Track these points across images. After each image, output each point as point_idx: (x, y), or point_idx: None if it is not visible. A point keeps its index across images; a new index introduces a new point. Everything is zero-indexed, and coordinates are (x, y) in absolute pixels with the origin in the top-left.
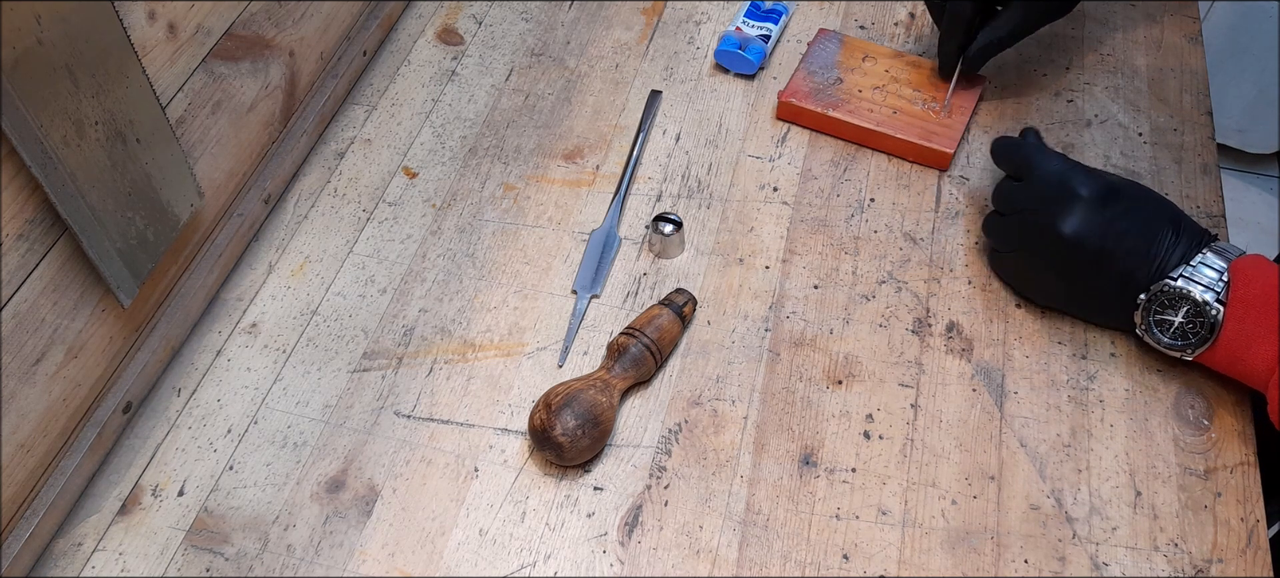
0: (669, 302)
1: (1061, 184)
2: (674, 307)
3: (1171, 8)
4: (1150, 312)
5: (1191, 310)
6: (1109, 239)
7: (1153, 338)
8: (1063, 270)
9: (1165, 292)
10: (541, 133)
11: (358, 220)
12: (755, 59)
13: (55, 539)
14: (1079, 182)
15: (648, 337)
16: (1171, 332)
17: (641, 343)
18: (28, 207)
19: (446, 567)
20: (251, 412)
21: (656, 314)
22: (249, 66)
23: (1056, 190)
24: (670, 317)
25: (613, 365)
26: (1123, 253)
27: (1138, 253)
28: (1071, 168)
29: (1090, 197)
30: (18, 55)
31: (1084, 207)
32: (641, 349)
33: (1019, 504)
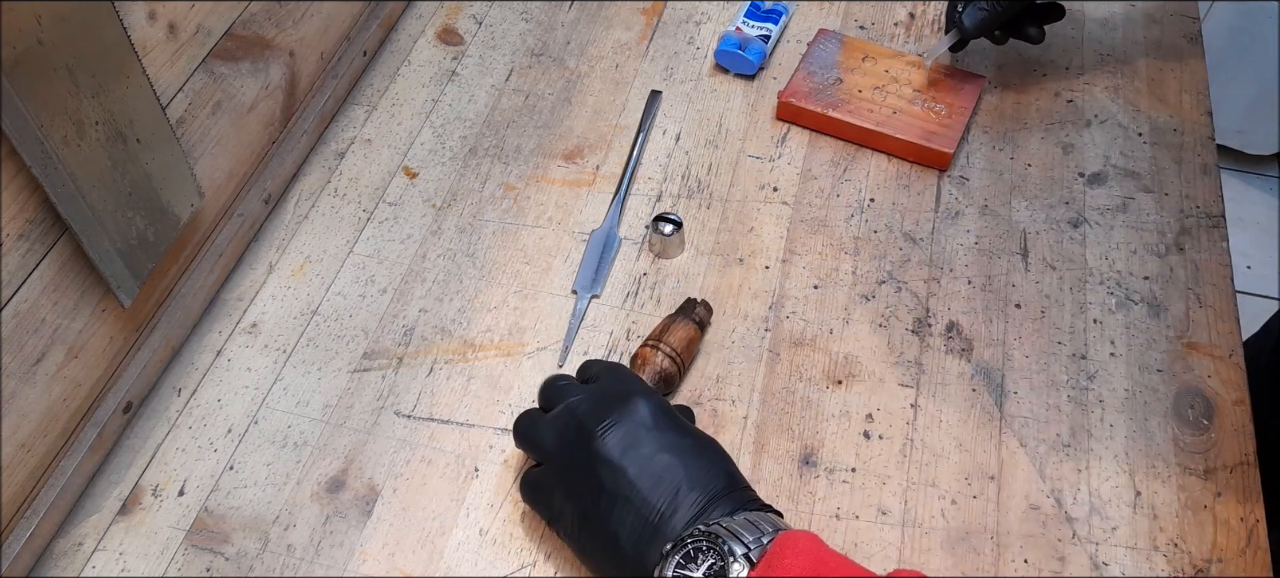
0: (690, 314)
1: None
2: (696, 319)
3: (1171, 8)
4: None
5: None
6: (599, 499)
7: None
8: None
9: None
10: (542, 133)
11: (358, 220)
12: (755, 59)
13: (55, 539)
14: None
15: (674, 350)
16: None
17: (667, 355)
18: (28, 207)
19: (446, 567)
20: (252, 412)
21: (681, 327)
22: (249, 67)
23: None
24: (693, 329)
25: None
26: (606, 523)
27: (614, 532)
28: (532, 429)
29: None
30: (18, 55)
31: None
32: (670, 364)
33: (1019, 504)
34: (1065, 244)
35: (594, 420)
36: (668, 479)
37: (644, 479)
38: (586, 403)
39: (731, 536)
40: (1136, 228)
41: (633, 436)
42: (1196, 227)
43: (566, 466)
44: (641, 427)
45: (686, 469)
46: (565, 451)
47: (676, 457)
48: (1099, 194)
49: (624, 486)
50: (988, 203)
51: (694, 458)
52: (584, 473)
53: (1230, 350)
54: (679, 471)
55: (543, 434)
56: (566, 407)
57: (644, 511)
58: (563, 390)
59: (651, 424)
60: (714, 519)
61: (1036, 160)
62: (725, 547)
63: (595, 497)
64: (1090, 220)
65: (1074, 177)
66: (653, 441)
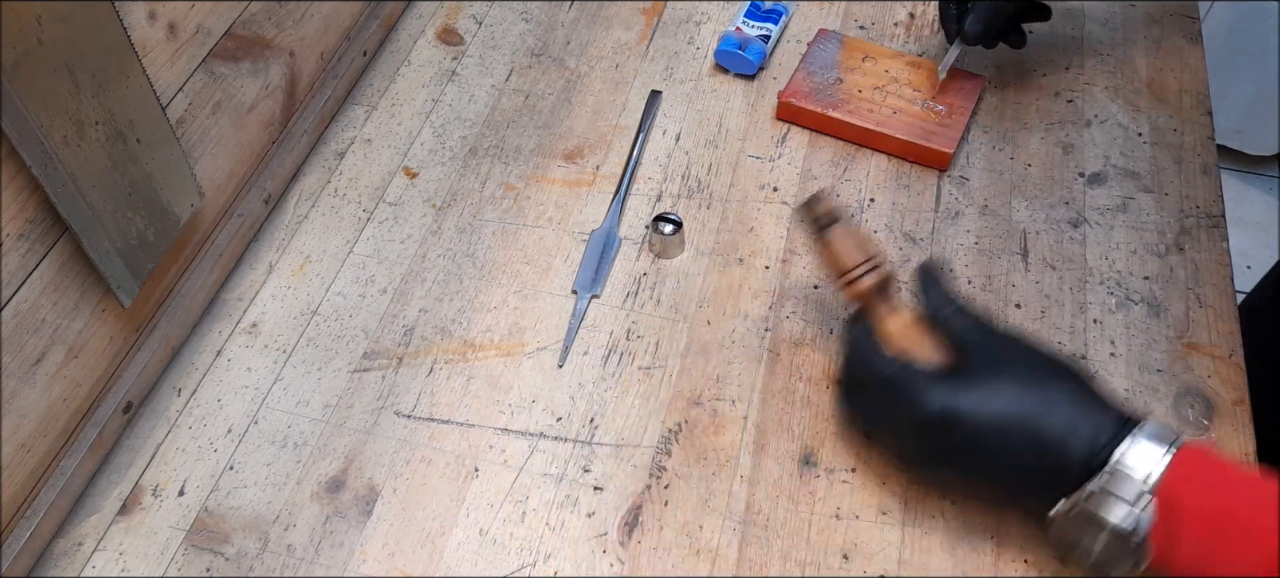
0: (817, 219)
1: (907, 405)
2: (823, 222)
3: (1171, 8)
4: (1064, 535)
5: (1110, 539)
6: (983, 462)
7: (1076, 563)
8: (945, 482)
9: (1074, 516)
10: (542, 133)
11: (358, 220)
12: (755, 59)
13: (55, 539)
14: (914, 395)
15: (860, 264)
16: (1094, 561)
17: (872, 267)
18: (28, 207)
19: (446, 567)
20: (252, 412)
21: (838, 241)
22: (249, 67)
23: (890, 414)
24: (839, 234)
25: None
26: (990, 480)
27: (1013, 475)
28: (908, 380)
29: (927, 417)
30: (18, 55)
31: (918, 433)
32: (879, 273)
33: None
34: (1065, 244)
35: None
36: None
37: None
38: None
39: (1105, 502)
40: (1136, 228)
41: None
42: (1196, 227)
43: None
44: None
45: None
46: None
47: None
48: (1099, 194)
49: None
50: (988, 203)
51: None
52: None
53: (1230, 350)
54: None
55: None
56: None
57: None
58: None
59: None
60: (1081, 471)
61: (1036, 160)
62: (1109, 518)
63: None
64: (1090, 220)
65: (1074, 177)
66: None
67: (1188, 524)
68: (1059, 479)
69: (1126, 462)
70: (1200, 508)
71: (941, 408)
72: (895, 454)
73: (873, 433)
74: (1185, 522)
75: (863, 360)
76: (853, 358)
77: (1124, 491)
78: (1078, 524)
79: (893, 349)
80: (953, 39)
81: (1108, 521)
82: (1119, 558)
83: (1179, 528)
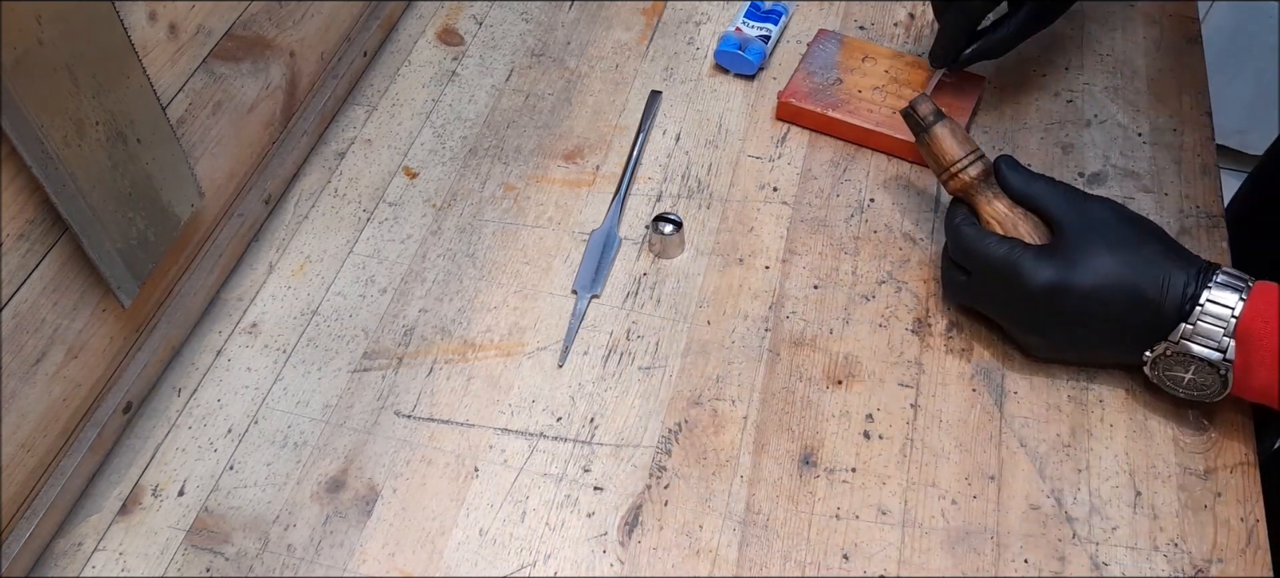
0: (921, 121)
1: (1015, 283)
2: (924, 125)
3: (1171, 8)
4: (1159, 369)
5: (1200, 367)
6: (1084, 325)
7: (1169, 391)
8: (1049, 345)
9: (1169, 355)
10: (541, 133)
11: (358, 220)
12: (755, 59)
13: (55, 539)
14: (1025, 272)
15: (960, 158)
16: (1184, 386)
17: (975, 157)
18: (28, 207)
19: (446, 567)
20: (252, 412)
21: (940, 137)
22: (249, 67)
23: (1003, 290)
24: (941, 130)
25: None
26: (1095, 337)
27: (1116, 330)
28: (1014, 260)
29: (1038, 290)
30: (18, 55)
31: (1031, 304)
32: (982, 162)
33: (1019, 504)
34: None
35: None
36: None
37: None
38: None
39: (1193, 340)
40: None
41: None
42: (1196, 227)
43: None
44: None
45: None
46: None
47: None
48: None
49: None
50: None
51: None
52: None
53: None
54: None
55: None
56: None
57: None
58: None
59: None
60: (1173, 314)
61: (1036, 160)
62: (1195, 350)
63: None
64: None
65: (1074, 177)
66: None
67: (1261, 354)
68: (1155, 329)
69: (1209, 306)
70: (1268, 339)
71: (1049, 281)
72: (1009, 325)
73: (984, 308)
74: (1258, 349)
75: (971, 243)
76: (961, 242)
77: (1209, 329)
78: (1171, 362)
79: (996, 231)
80: (947, 61)
81: (1197, 354)
82: (1207, 385)
83: (1254, 355)
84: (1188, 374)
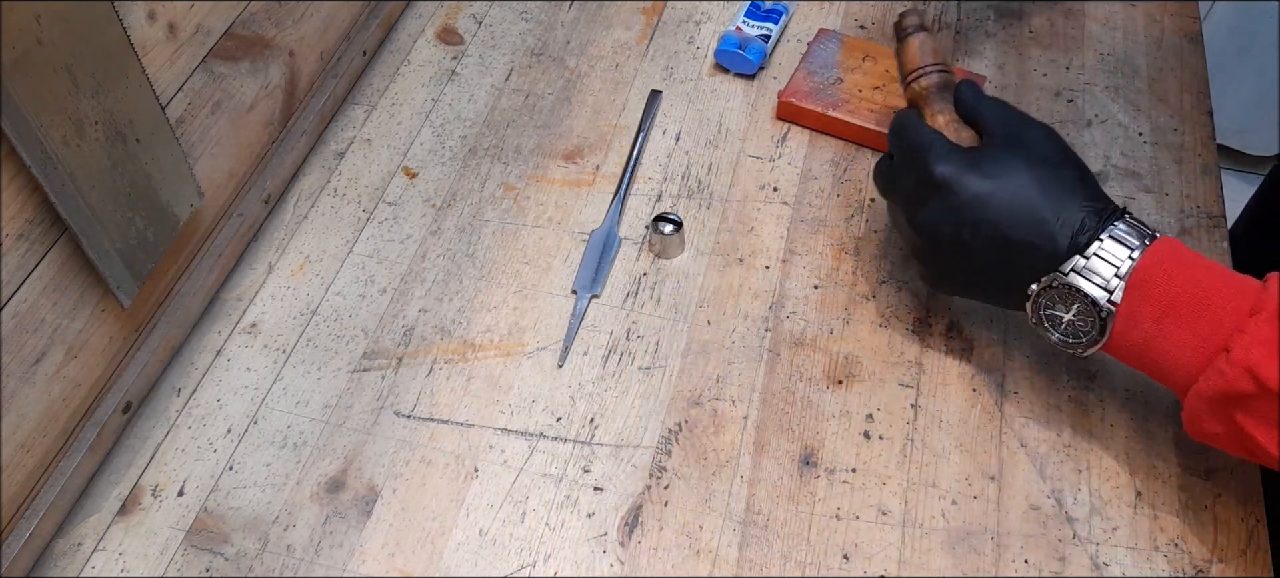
0: (902, 28)
1: (920, 168)
2: (906, 29)
3: (1171, 8)
4: (1041, 306)
5: (1082, 308)
6: (972, 231)
7: (1044, 333)
8: (937, 258)
9: (1055, 286)
10: (541, 133)
11: (358, 220)
12: (755, 59)
13: (55, 539)
14: (930, 160)
15: (924, 67)
16: (1062, 328)
17: (928, 77)
18: (28, 207)
19: (446, 567)
20: (251, 412)
21: (909, 46)
22: (249, 66)
23: (907, 177)
24: (915, 40)
25: (934, 103)
26: (981, 256)
27: (1004, 250)
28: (929, 145)
29: (936, 179)
30: (18, 55)
31: (926, 196)
32: (942, 76)
33: (1019, 504)
34: None
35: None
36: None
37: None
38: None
39: (1085, 275)
40: None
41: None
42: (1197, 227)
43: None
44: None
45: (1030, 212)
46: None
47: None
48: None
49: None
50: None
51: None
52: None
53: None
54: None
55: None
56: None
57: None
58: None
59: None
60: (1072, 248)
61: None
62: (1084, 287)
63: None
64: None
65: None
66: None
67: (1150, 301)
68: (1046, 258)
69: (1109, 244)
70: (1166, 286)
71: (947, 175)
72: (904, 228)
73: (893, 200)
74: (1148, 299)
75: (900, 122)
76: (895, 124)
77: (1102, 267)
78: (1053, 296)
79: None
80: None
81: (1083, 289)
82: (1085, 329)
83: (1142, 304)
84: (1067, 315)
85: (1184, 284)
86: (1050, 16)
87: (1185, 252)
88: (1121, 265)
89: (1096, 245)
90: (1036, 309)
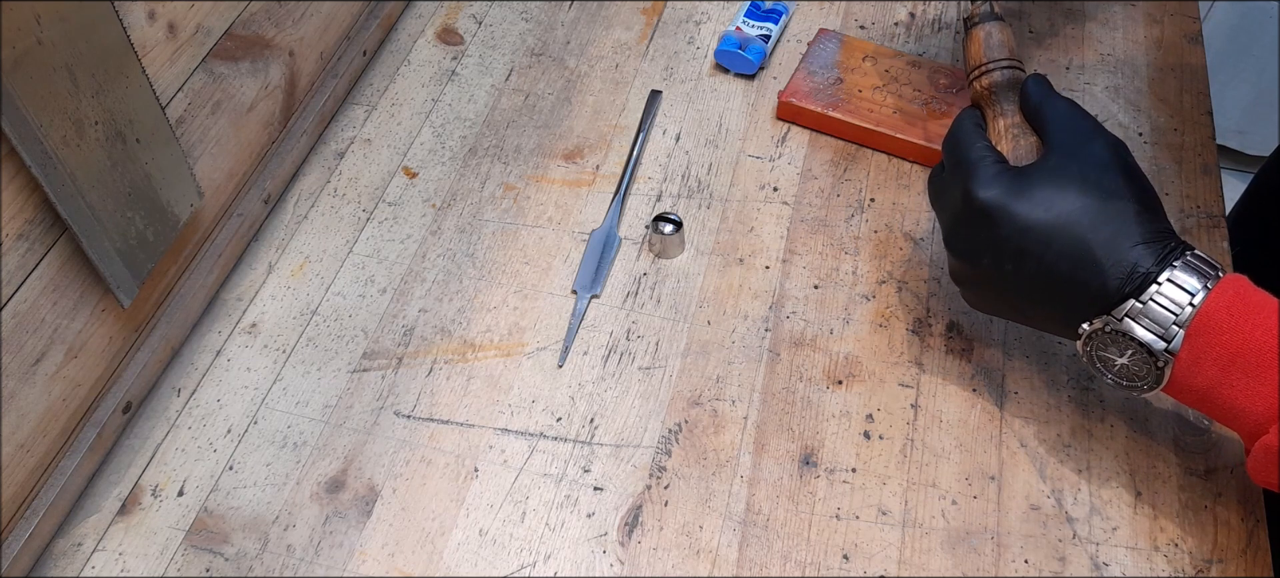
0: (969, 17)
1: (964, 188)
2: (972, 21)
3: (1171, 8)
4: (1092, 347)
5: (1138, 354)
6: (1015, 264)
7: (1096, 373)
8: (977, 284)
9: (1107, 331)
10: (541, 133)
11: (358, 220)
12: (755, 59)
13: (55, 539)
14: (976, 180)
15: (992, 62)
16: (1115, 370)
17: (993, 75)
18: (28, 207)
19: (446, 567)
20: (251, 412)
21: (974, 40)
22: (249, 66)
23: (955, 193)
24: (981, 32)
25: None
26: (1026, 287)
27: (1051, 285)
28: (975, 165)
29: (979, 205)
30: (18, 55)
31: (969, 220)
32: (1010, 72)
33: (1019, 504)
34: None
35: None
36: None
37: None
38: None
39: (1140, 320)
40: None
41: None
42: (1197, 227)
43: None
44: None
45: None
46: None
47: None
48: None
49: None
50: None
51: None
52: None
53: None
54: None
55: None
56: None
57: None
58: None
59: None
60: (1129, 287)
61: None
62: (1137, 333)
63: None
64: None
65: None
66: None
67: (1214, 350)
68: (1097, 298)
69: (1168, 288)
70: (1232, 336)
71: (991, 200)
72: (948, 244)
73: (939, 213)
74: (1212, 348)
75: (955, 131)
76: (951, 130)
77: (1161, 313)
78: (1107, 341)
79: (993, 141)
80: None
81: (1139, 337)
82: (1141, 375)
83: (1204, 353)
84: (1121, 359)
85: (1251, 332)
86: (1050, 16)
87: (1251, 294)
88: (1181, 312)
89: (1154, 289)
90: (1088, 350)
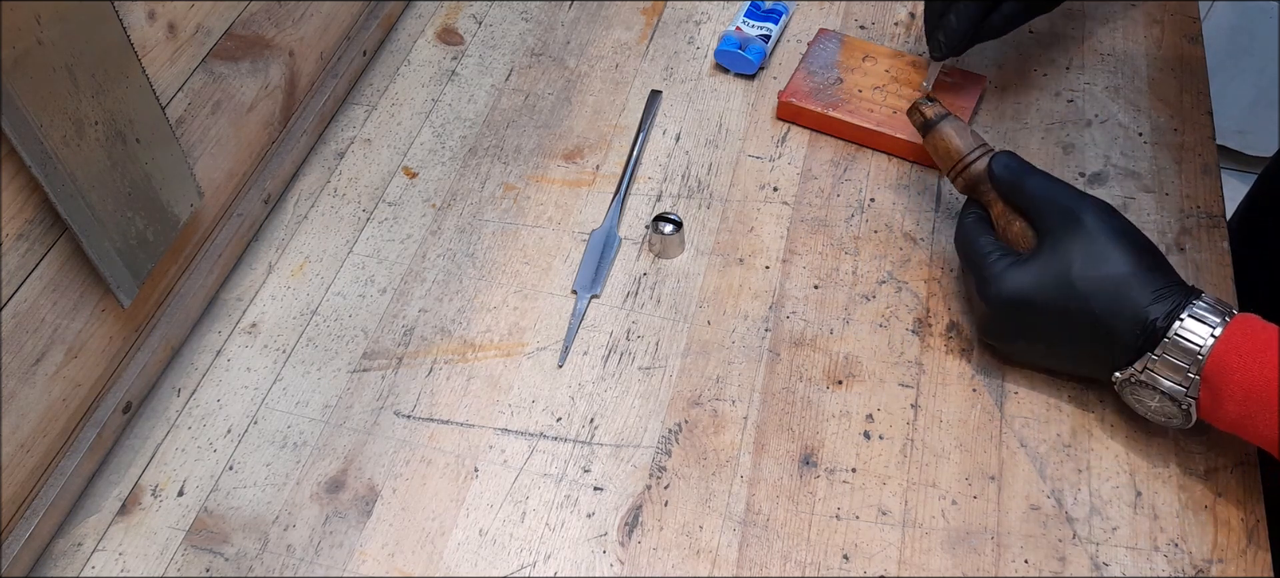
0: (927, 120)
1: (976, 284)
2: (928, 119)
3: (1171, 8)
4: (1126, 392)
5: (1164, 399)
6: (1032, 335)
7: (1141, 413)
8: (1002, 346)
9: (1133, 382)
10: (541, 133)
11: (358, 220)
12: (755, 59)
13: (55, 539)
14: (990, 281)
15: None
16: (1150, 411)
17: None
18: (28, 207)
19: (446, 567)
20: (251, 412)
21: (937, 138)
22: (249, 66)
23: (974, 291)
24: (939, 133)
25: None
26: (1056, 355)
27: (1077, 353)
28: (980, 265)
29: (999, 302)
30: (18, 55)
31: (993, 314)
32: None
33: (1019, 504)
34: None
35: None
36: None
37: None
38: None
39: (1158, 373)
40: None
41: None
42: (1197, 227)
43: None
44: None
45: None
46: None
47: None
48: (1100, 194)
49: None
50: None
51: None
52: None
53: None
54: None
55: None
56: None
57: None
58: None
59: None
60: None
61: (1037, 160)
62: (1160, 384)
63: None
64: None
65: (1075, 176)
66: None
67: (1231, 390)
68: (1121, 354)
69: (1178, 339)
70: (1243, 376)
71: (1011, 295)
72: (977, 329)
73: (969, 303)
74: (1228, 388)
75: (959, 235)
76: (958, 239)
77: (1176, 362)
78: (1137, 387)
79: (1000, 232)
80: (933, 51)
81: (1162, 387)
82: (1172, 416)
83: (1223, 393)
84: (1154, 401)
85: (1259, 370)
86: (1050, 16)
87: (1259, 333)
88: (1196, 359)
89: (1166, 342)
90: (1125, 394)
